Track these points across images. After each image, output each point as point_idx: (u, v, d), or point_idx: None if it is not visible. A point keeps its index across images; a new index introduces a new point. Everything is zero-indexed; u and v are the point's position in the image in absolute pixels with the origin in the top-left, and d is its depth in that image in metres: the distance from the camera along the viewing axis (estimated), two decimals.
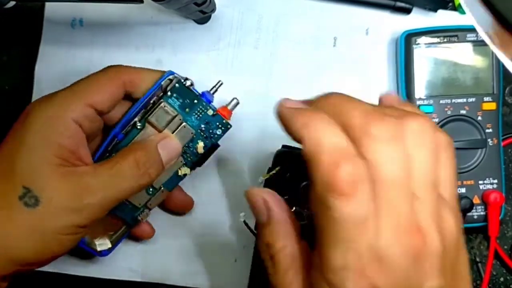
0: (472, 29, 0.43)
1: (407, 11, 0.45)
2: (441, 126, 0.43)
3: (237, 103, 0.41)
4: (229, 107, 0.40)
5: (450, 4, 0.45)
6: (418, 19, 0.45)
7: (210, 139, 0.41)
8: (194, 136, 0.40)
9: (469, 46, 0.43)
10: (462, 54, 0.43)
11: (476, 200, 0.44)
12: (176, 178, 0.41)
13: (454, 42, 0.43)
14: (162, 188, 0.41)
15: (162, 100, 0.38)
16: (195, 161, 0.41)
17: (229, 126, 0.40)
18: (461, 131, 0.44)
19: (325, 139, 0.24)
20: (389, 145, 0.24)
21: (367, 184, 0.24)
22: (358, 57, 0.46)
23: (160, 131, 0.39)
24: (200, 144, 0.40)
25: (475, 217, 0.44)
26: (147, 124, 0.39)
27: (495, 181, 0.44)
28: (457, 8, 0.45)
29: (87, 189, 0.33)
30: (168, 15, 0.45)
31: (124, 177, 0.34)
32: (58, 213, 0.32)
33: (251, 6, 0.45)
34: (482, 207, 0.44)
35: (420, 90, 0.43)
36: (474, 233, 0.46)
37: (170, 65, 0.44)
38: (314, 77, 0.46)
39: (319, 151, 0.24)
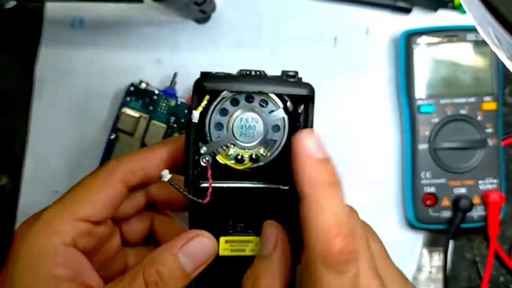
0: (472, 29, 0.43)
1: (407, 11, 0.45)
2: (442, 126, 0.43)
3: None
4: None
5: (450, 4, 0.45)
6: (418, 19, 0.45)
7: (184, 128, 0.42)
8: (168, 131, 0.42)
9: (469, 46, 0.43)
10: (462, 54, 0.43)
11: (476, 200, 0.44)
12: None
13: (454, 42, 0.43)
14: None
15: (123, 106, 0.41)
16: None
17: None
18: (461, 131, 0.44)
19: (329, 209, 0.26)
20: None
21: (357, 262, 0.26)
22: (358, 57, 0.46)
23: (131, 135, 0.41)
24: (176, 136, 0.42)
25: (475, 217, 0.44)
26: (119, 133, 0.42)
27: (495, 181, 0.44)
28: (457, 8, 0.45)
29: None
30: (168, 15, 0.45)
31: None
32: None
33: (251, 6, 0.45)
34: (482, 207, 0.44)
35: (420, 90, 0.43)
36: (474, 233, 0.46)
37: (170, 65, 0.45)
38: (314, 77, 0.45)
39: (319, 220, 0.25)
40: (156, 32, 0.45)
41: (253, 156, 0.33)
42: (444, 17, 0.45)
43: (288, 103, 0.33)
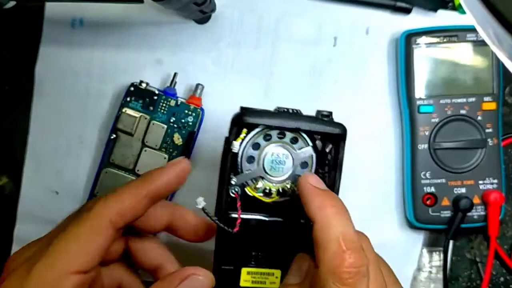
0: (472, 29, 0.43)
1: (407, 11, 0.45)
2: (442, 126, 0.43)
3: (203, 88, 0.43)
4: (196, 94, 0.42)
5: (450, 4, 0.45)
6: (418, 19, 0.45)
7: (185, 129, 0.42)
8: (169, 131, 0.42)
9: (469, 46, 0.43)
10: (462, 54, 0.43)
11: (476, 200, 0.44)
12: None
13: (454, 42, 0.43)
14: None
15: (123, 107, 0.42)
16: (179, 154, 0.42)
17: (199, 111, 0.42)
18: (461, 131, 0.44)
19: (336, 227, 0.28)
20: None
21: (367, 280, 0.27)
22: (358, 57, 0.46)
23: (131, 135, 0.41)
24: (176, 136, 0.42)
25: (475, 217, 0.44)
26: (119, 133, 0.42)
27: (495, 181, 0.44)
28: (457, 8, 0.45)
29: None
30: (168, 15, 0.45)
31: None
32: None
33: (251, 6, 0.45)
34: (482, 207, 0.44)
35: (420, 90, 0.43)
36: (474, 233, 0.46)
37: (170, 65, 0.45)
38: (314, 77, 0.46)
39: (328, 238, 0.27)
40: (156, 32, 0.45)
41: (280, 190, 0.34)
42: (444, 17, 0.45)
43: (317, 142, 0.35)
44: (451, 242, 0.44)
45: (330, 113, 0.36)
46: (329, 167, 0.35)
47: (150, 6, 0.44)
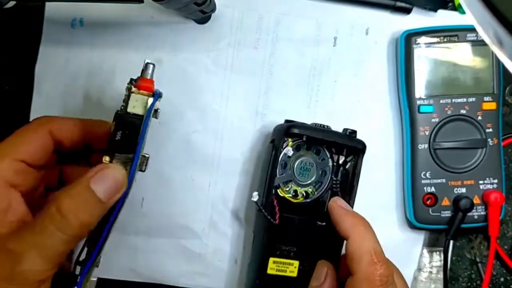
0: (472, 29, 0.43)
1: (407, 11, 0.45)
2: (442, 126, 0.43)
3: (154, 67, 0.35)
4: (147, 76, 0.34)
5: (450, 4, 0.45)
6: (418, 19, 0.45)
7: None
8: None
9: (469, 46, 0.43)
10: (462, 54, 0.43)
11: (477, 200, 0.44)
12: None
13: (454, 42, 0.43)
14: None
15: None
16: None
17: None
18: (461, 131, 0.44)
19: (368, 242, 0.35)
20: None
21: (393, 286, 0.34)
22: (358, 57, 0.46)
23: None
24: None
25: (476, 217, 0.44)
26: None
27: (495, 181, 0.44)
28: (457, 8, 0.45)
29: (12, 256, 0.30)
30: (168, 15, 0.45)
31: (49, 234, 0.30)
32: None
33: (251, 6, 0.45)
34: (483, 207, 0.44)
35: (420, 90, 0.43)
36: (474, 233, 0.46)
37: (170, 65, 0.44)
38: (314, 77, 0.46)
39: (362, 251, 0.34)
40: (156, 32, 0.45)
41: (305, 193, 0.42)
42: (444, 17, 0.45)
43: (334, 155, 0.43)
44: (451, 242, 0.44)
45: (355, 131, 0.42)
46: (344, 176, 0.42)
47: (150, 6, 0.44)
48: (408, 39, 0.43)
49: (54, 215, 0.31)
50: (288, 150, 0.40)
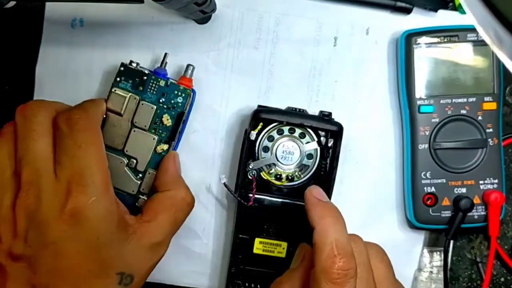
0: (472, 29, 0.43)
1: (408, 11, 0.45)
2: (442, 126, 0.43)
3: (193, 68, 0.43)
4: (187, 75, 0.43)
5: (451, 4, 0.45)
6: (419, 19, 0.45)
7: (174, 109, 0.42)
8: (158, 111, 0.42)
9: (469, 46, 0.43)
10: (463, 54, 0.43)
11: (477, 200, 0.44)
12: (158, 157, 0.42)
13: (455, 42, 0.43)
14: (149, 170, 0.42)
15: (113, 86, 0.42)
16: (168, 135, 0.42)
17: (189, 91, 0.42)
18: (462, 131, 0.43)
19: (331, 234, 0.33)
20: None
21: (354, 280, 0.32)
22: (358, 57, 0.46)
23: (121, 115, 0.41)
24: (166, 117, 0.42)
25: (476, 217, 0.44)
26: (108, 113, 0.42)
27: (496, 181, 0.44)
28: (458, 8, 0.45)
29: (147, 232, 0.37)
30: (169, 15, 0.45)
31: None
32: (145, 274, 0.38)
33: (251, 6, 0.45)
34: (483, 207, 0.44)
35: (420, 90, 0.43)
36: (474, 233, 0.46)
37: (170, 65, 0.44)
38: (314, 77, 0.46)
39: (324, 242, 0.33)
40: (156, 32, 0.45)
41: (289, 176, 0.43)
42: (444, 17, 0.45)
43: (322, 138, 0.43)
44: (451, 242, 0.44)
45: (330, 113, 0.43)
46: (330, 158, 0.43)
47: (151, 6, 0.44)
48: (409, 39, 0.43)
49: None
50: (252, 135, 0.41)
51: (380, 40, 0.45)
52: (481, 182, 0.44)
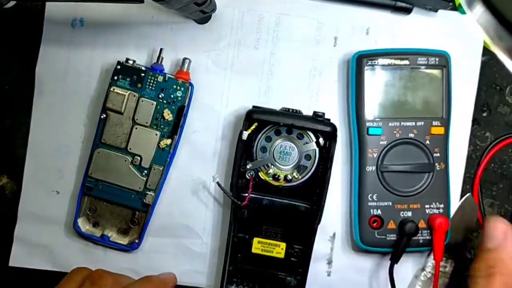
0: (423, 53, 0.42)
1: (408, 11, 0.45)
2: (390, 149, 0.43)
3: (190, 62, 0.43)
4: (184, 69, 0.43)
5: (451, 4, 0.45)
6: (419, 19, 0.45)
7: (174, 104, 0.42)
8: (158, 107, 0.42)
9: (420, 70, 0.43)
10: (413, 77, 0.43)
11: (422, 224, 0.43)
12: (162, 152, 0.42)
13: (406, 65, 0.43)
14: (154, 166, 0.42)
15: (111, 85, 0.42)
16: (171, 129, 0.42)
17: (187, 85, 0.42)
18: (409, 155, 0.43)
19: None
20: None
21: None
22: None
23: (121, 114, 0.42)
24: (166, 112, 0.42)
25: (421, 241, 0.43)
26: (109, 112, 0.42)
27: (441, 205, 0.43)
28: (458, 8, 0.45)
29: None
30: (169, 15, 0.45)
31: None
32: None
33: (251, 6, 0.45)
34: (428, 231, 0.43)
35: (370, 111, 0.43)
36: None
37: (170, 64, 0.45)
38: (315, 77, 0.46)
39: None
40: (157, 32, 0.45)
41: (287, 177, 0.42)
42: (444, 17, 0.45)
43: (320, 139, 0.42)
44: (395, 266, 0.43)
45: (323, 113, 0.42)
46: (325, 159, 0.42)
47: (151, 6, 0.44)
48: (360, 60, 0.43)
49: None
50: (244, 135, 0.41)
51: (380, 40, 0.45)
52: (427, 206, 0.43)
